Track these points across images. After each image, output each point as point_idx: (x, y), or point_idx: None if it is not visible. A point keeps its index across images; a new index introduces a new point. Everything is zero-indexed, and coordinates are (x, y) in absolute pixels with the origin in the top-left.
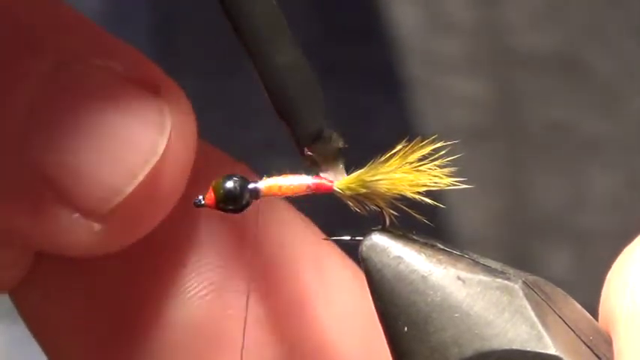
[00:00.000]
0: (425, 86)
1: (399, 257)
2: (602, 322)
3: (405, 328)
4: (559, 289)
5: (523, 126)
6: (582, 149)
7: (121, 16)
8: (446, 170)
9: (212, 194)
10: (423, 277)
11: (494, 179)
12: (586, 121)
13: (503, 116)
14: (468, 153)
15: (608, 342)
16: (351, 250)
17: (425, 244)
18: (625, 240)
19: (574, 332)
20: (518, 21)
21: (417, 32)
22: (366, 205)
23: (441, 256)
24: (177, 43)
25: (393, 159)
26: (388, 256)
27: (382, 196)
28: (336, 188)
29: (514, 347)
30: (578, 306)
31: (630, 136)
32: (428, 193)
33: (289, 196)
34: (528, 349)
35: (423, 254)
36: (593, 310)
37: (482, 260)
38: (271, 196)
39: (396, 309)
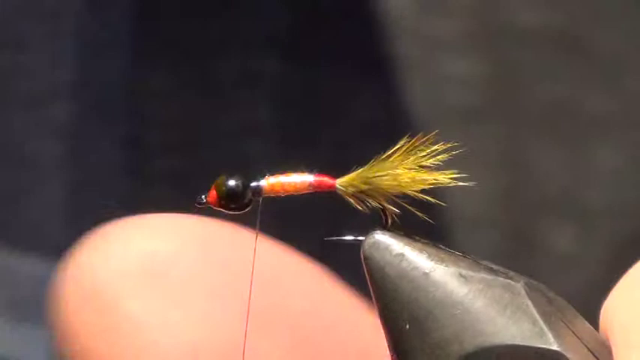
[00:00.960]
0: (417, 67)
1: (401, 255)
2: (602, 331)
3: (407, 325)
4: (561, 298)
5: (523, 104)
6: (585, 127)
7: (98, 1)
8: (449, 172)
9: (214, 193)
10: (425, 274)
11: (494, 159)
12: (588, 99)
13: (502, 95)
14: (464, 133)
15: (608, 350)
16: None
17: (427, 244)
18: (629, 217)
19: (575, 335)
20: None
21: (407, 11)
22: (369, 202)
23: (443, 255)
24: (163, 27)
25: (395, 156)
26: (390, 253)
27: (384, 193)
28: (338, 186)
29: (516, 343)
30: (581, 317)
31: (634, 113)
32: (429, 189)
33: (291, 194)
34: (530, 344)
35: (425, 252)
36: (598, 288)
37: (483, 262)
38: (273, 194)
39: (398, 306)
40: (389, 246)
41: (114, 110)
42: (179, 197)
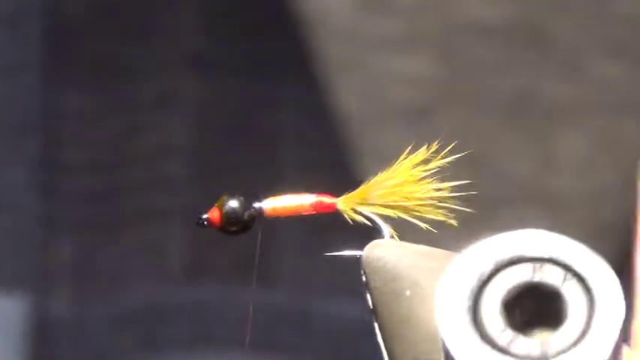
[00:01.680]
0: (357, 68)
1: (399, 245)
2: None
3: (408, 292)
4: None
5: (481, 97)
6: (547, 115)
7: (11, 21)
8: (448, 183)
9: (216, 214)
10: (425, 253)
11: (454, 152)
12: (548, 87)
13: (454, 90)
14: (418, 130)
15: None
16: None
17: None
18: (596, 202)
19: None
20: None
21: (345, 12)
22: (370, 220)
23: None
24: (78, 48)
25: (395, 173)
26: (389, 247)
27: (385, 210)
28: (339, 206)
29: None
30: None
31: (595, 99)
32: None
33: (293, 215)
34: (527, 279)
35: (422, 245)
36: None
37: None
38: (275, 215)
39: (397, 281)
40: (388, 243)
41: (29, 130)
42: (95, 217)
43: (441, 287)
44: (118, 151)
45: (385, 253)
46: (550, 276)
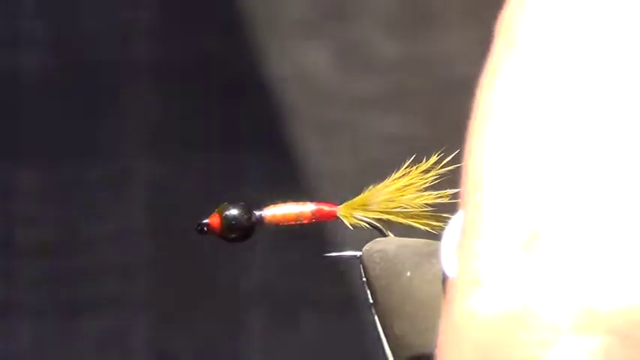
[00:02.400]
0: (341, 127)
1: (401, 239)
2: None
3: (409, 273)
4: None
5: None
6: None
7: None
8: (445, 192)
9: (216, 220)
10: (429, 242)
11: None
12: None
13: (440, 149)
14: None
15: None
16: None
17: None
18: None
19: None
20: (451, 50)
21: (328, 73)
22: (371, 224)
23: None
24: (31, 126)
25: (394, 181)
26: (390, 241)
27: (384, 217)
28: (339, 214)
29: None
30: None
31: None
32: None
33: (293, 224)
34: None
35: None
36: None
37: None
38: (275, 223)
39: (399, 264)
40: (389, 238)
41: None
42: (53, 302)
43: (446, 230)
44: (73, 234)
45: (386, 245)
46: None
